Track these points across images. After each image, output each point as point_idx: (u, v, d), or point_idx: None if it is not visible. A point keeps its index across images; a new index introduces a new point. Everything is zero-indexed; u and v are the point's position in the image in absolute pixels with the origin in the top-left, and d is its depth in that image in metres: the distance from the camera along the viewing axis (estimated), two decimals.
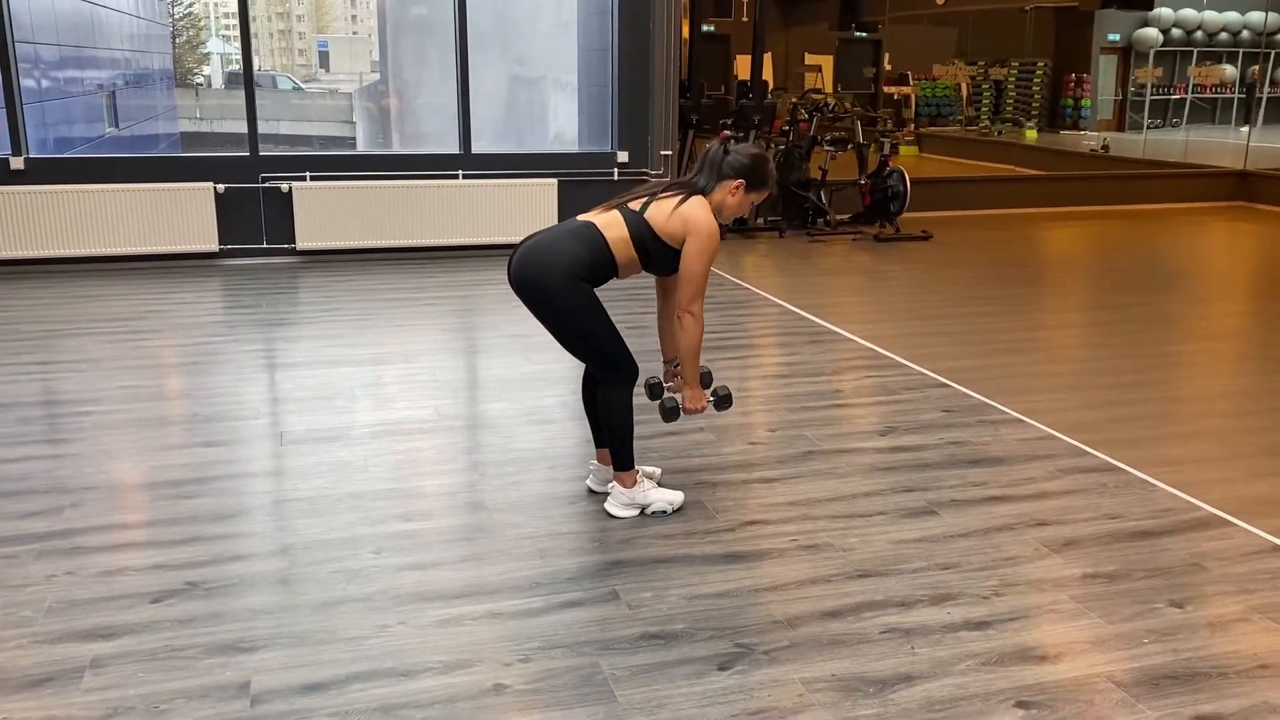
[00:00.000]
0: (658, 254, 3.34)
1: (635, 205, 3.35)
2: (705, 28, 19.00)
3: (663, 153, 8.18)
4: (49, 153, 7.69)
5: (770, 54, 19.99)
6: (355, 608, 2.90)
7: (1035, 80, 20.35)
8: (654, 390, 3.63)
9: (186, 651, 2.68)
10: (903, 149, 17.56)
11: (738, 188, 3.36)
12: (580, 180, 8.07)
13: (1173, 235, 9.64)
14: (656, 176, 8.25)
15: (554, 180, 7.96)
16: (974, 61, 19.85)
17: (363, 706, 2.46)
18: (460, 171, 7.88)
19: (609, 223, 3.33)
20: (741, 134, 9.17)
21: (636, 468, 3.55)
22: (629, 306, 6.30)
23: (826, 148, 9.18)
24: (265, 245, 7.61)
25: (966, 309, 6.55)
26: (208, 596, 2.95)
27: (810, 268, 7.84)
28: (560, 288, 3.25)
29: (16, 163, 7.04)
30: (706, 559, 3.23)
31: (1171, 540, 3.38)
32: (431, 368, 5.12)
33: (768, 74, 19.31)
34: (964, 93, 19.43)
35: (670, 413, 3.47)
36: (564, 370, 5.12)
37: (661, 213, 3.30)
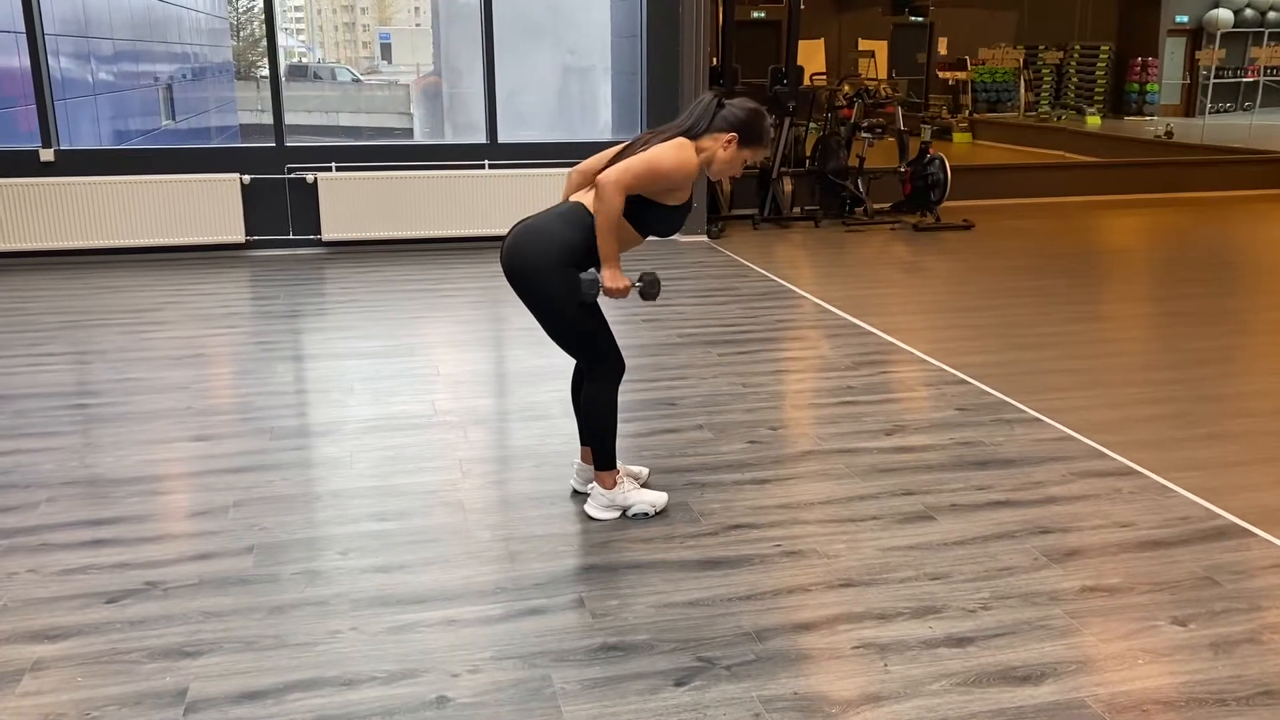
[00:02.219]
0: (646, 212, 3.14)
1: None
2: (755, 13, 18.76)
3: None
4: (108, 144, 7.76)
5: (823, 40, 19.71)
6: (309, 612, 2.82)
7: (1099, 65, 19.75)
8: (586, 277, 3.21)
9: (130, 655, 2.61)
10: (956, 136, 17.18)
11: (730, 141, 3.17)
12: None
13: (1230, 224, 9.24)
14: None
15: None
16: (1034, 47, 19.30)
17: (297, 718, 2.37)
18: (486, 162, 7.80)
19: (593, 197, 3.18)
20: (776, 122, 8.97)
21: (619, 467, 3.42)
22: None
23: (864, 134, 8.93)
24: (291, 236, 7.60)
25: (998, 301, 6.31)
26: (164, 597, 2.88)
27: (842, 258, 7.63)
28: (549, 276, 3.11)
29: (47, 155, 7.11)
30: (682, 565, 3.09)
31: (1184, 551, 3.16)
32: (435, 361, 5.03)
33: (818, 60, 19.04)
34: (1022, 78, 18.88)
35: (590, 284, 3.11)
36: (568, 365, 5.00)
37: None
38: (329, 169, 7.54)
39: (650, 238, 3.28)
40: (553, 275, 3.11)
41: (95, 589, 2.92)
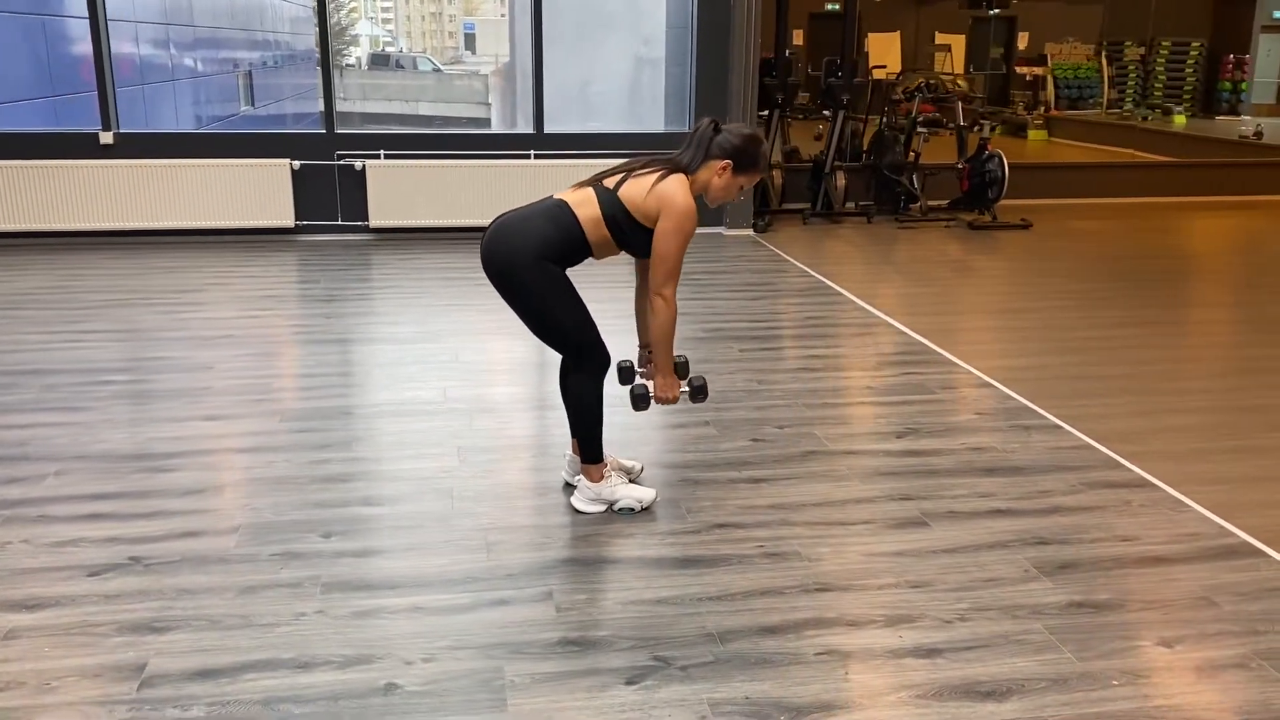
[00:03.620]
0: (632, 234, 3.16)
1: (610, 182, 3.17)
2: (829, 5, 18.51)
3: None
4: (186, 128, 7.95)
5: (899, 33, 19.37)
6: (280, 593, 2.84)
7: (1188, 62, 19.07)
8: (625, 375, 3.44)
9: (100, 629, 2.66)
10: (1031, 133, 16.75)
11: (725, 168, 3.15)
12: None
13: None
14: None
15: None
16: (1118, 42, 18.72)
17: (245, 698, 2.39)
18: (533, 151, 7.81)
19: (581, 200, 3.16)
20: (827, 112, 8.85)
21: (608, 460, 3.39)
22: (604, 286, 6.12)
23: (920, 129, 8.75)
24: (339, 222, 7.71)
25: (1043, 303, 6.12)
26: (145, 573, 2.94)
27: (889, 256, 7.48)
28: (526, 268, 3.10)
29: (106, 137, 7.31)
30: (659, 562, 3.05)
31: (1186, 569, 3.03)
32: (456, 349, 5.05)
33: (893, 54, 18.71)
34: (1105, 75, 18.33)
35: (640, 400, 3.29)
36: None
37: (637, 191, 3.11)
38: (377, 156, 7.62)
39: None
40: (531, 269, 3.09)
41: (81, 562, 2.99)
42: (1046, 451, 3.89)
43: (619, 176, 3.18)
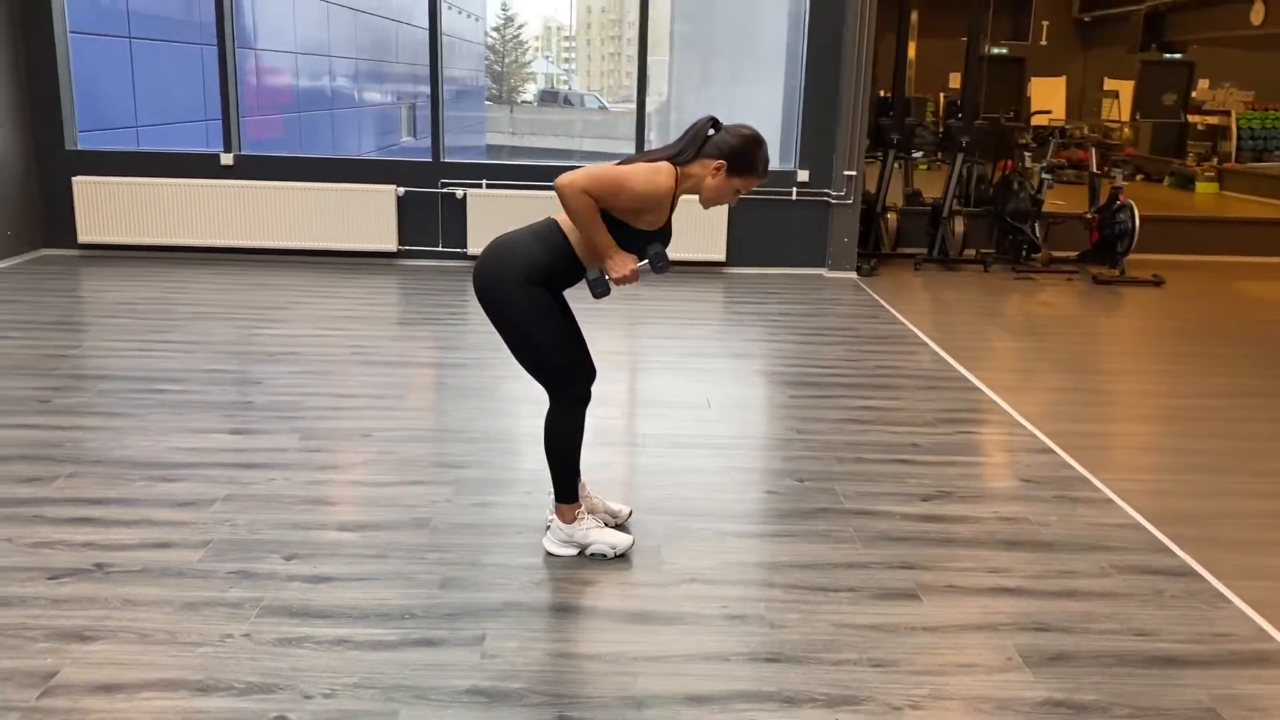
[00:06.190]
0: (619, 235, 2.98)
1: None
2: (996, 49, 17.89)
3: (846, 173, 7.67)
4: (350, 154, 8.29)
5: (1064, 78, 18.53)
6: (218, 612, 2.81)
7: None
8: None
9: (32, 632, 2.68)
10: (1200, 186, 15.68)
11: (718, 168, 2.97)
12: (755, 198, 7.72)
13: None
14: (837, 199, 7.75)
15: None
16: None
17: (134, 716, 2.35)
18: None
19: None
20: (940, 158, 8.48)
21: (582, 501, 3.25)
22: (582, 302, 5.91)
23: (1043, 175, 8.27)
24: (440, 248, 7.84)
25: (1146, 366, 5.63)
26: (102, 580, 2.96)
27: (994, 306, 7.06)
28: (511, 290, 3.00)
29: (227, 159, 7.66)
30: (609, 614, 2.88)
31: (1199, 674, 2.65)
32: (499, 377, 5.00)
33: (1057, 99, 17.91)
34: None
35: (597, 285, 3.02)
36: (616, 393, 4.86)
37: None
38: (479, 185, 7.72)
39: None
40: (515, 291, 3.00)
41: (48, 564, 3.04)
42: (1086, 527, 3.52)
43: None
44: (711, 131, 3.02)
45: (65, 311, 6.06)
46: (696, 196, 3.04)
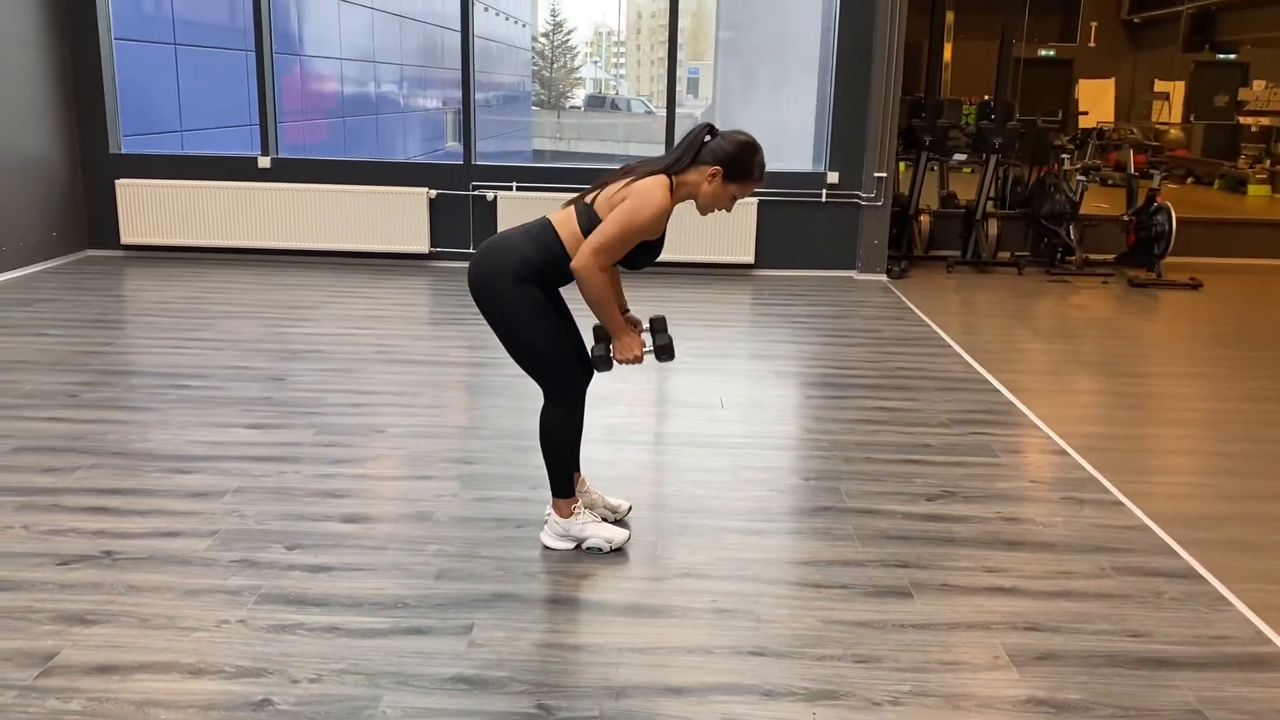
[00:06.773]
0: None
1: (590, 197, 3.08)
2: (1044, 52, 17.66)
3: (876, 175, 7.63)
4: (396, 156, 8.44)
5: (1113, 80, 18.24)
6: (217, 599, 2.88)
7: None
8: (596, 344, 3.25)
9: (38, 615, 2.77)
10: (1252, 189, 15.34)
11: (714, 175, 3.00)
12: (784, 200, 7.71)
13: None
14: (868, 201, 7.71)
15: (754, 199, 7.67)
16: None
17: (125, 697, 2.42)
18: None
19: (564, 219, 3.08)
20: (972, 159, 8.41)
21: (579, 495, 3.28)
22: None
23: (1078, 177, 8.16)
24: (471, 250, 7.92)
25: (1173, 370, 5.54)
26: (110, 567, 3.05)
27: (1025, 309, 6.99)
28: (504, 288, 3.05)
29: (264, 162, 7.81)
30: (600, 607, 2.91)
31: (1190, 676, 2.62)
32: (521, 375, 5.04)
33: (1106, 101, 17.64)
34: None
35: (600, 361, 3.16)
36: (638, 392, 4.89)
37: (610, 200, 3.00)
38: (509, 188, 7.80)
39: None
40: (508, 289, 3.04)
41: (59, 551, 3.14)
42: (1091, 529, 3.48)
43: (596, 190, 3.08)
44: (708, 138, 3.04)
45: (103, 310, 6.22)
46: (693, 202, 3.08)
